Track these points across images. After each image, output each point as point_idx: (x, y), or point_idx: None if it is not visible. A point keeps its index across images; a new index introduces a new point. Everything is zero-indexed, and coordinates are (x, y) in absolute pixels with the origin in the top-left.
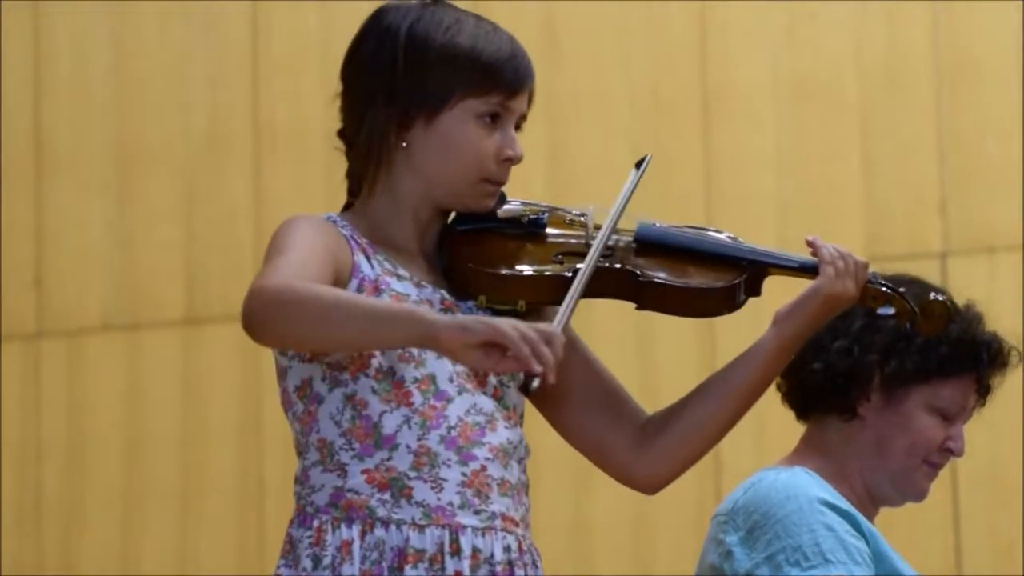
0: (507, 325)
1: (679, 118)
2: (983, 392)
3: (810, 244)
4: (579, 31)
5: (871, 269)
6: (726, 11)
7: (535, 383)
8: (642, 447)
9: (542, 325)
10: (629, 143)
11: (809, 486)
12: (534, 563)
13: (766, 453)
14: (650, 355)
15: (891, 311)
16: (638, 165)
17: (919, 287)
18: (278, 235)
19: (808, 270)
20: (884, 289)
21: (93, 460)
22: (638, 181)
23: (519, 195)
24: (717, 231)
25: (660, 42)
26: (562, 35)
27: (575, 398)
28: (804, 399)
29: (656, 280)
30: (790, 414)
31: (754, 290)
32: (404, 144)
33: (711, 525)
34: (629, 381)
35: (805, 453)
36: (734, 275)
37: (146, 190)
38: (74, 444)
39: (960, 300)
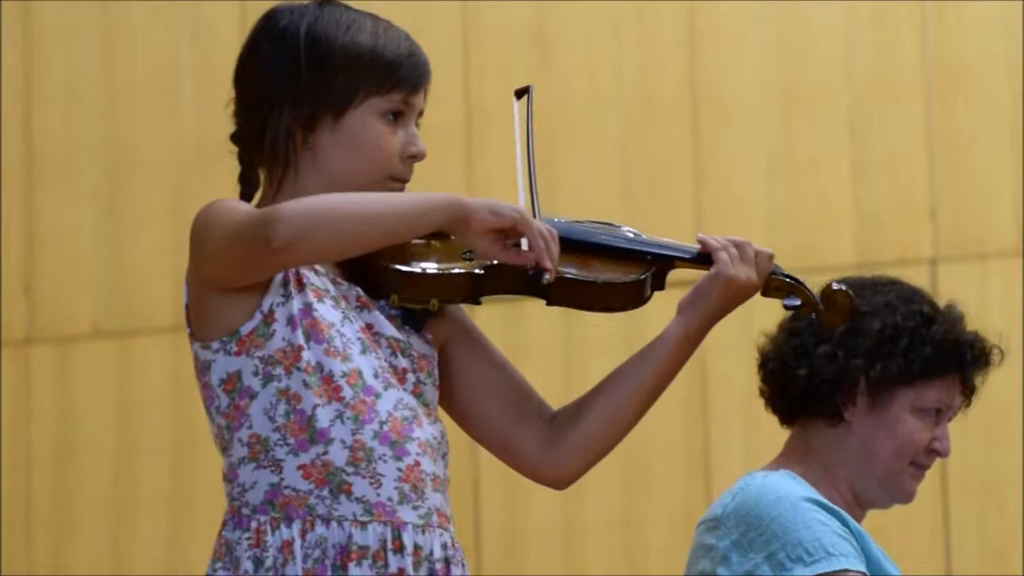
0: (529, 215)
1: (669, 125)
2: (968, 392)
3: (699, 240)
4: (569, 38)
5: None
6: (716, 18)
7: (546, 277)
8: (550, 443)
9: (545, 225)
10: (619, 150)
11: (794, 487)
12: (463, 561)
13: (756, 456)
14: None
15: (796, 302)
16: (519, 95)
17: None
18: (212, 208)
19: (704, 260)
20: (787, 280)
21: (84, 467)
22: (530, 108)
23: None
24: (619, 225)
25: (650, 49)
26: (552, 42)
27: (480, 396)
28: (789, 405)
29: (567, 276)
30: None
31: (659, 284)
32: (310, 145)
33: (697, 532)
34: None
35: (791, 458)
36: (641, 270)
37: (137, 197)
38: (65, 451)
39: (944, 301)
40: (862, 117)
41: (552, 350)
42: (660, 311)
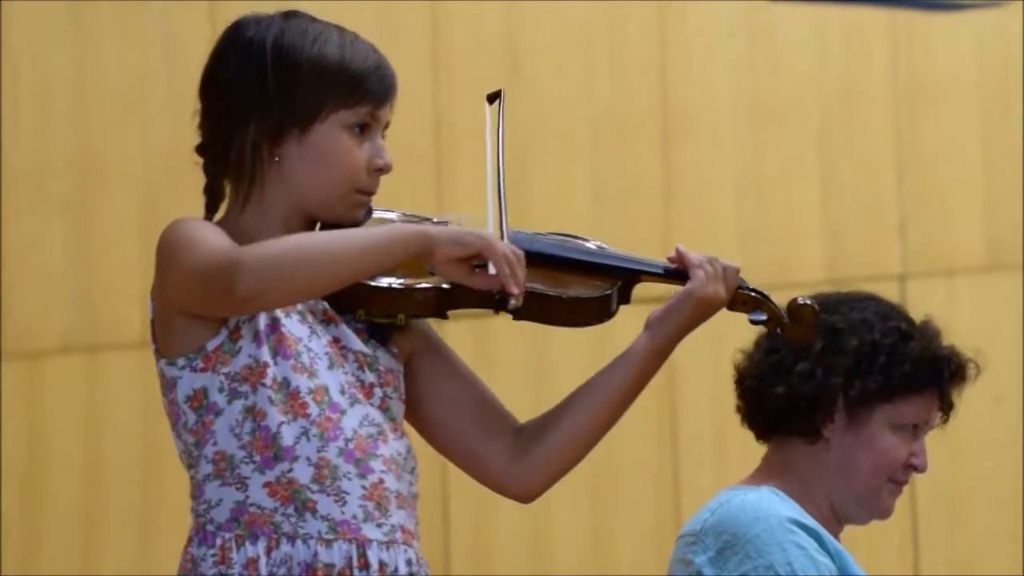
0: (495, 240)
1: (639, 139)
2: (946, 407)
3: (677, 253)
4: (540, 53)
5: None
6: (686, 33)
7: (512, 302)
8: (517, 457)
9: (510, 248)
10: (589, 165)
11: (777, 506)
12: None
13: (725, 471)
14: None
15: (762, 316)
16: (491, 99)
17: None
18: (177, 231)
19: (676, 276)
20: (753, 294)
21: (53, 481)
22: (501, 114)
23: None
24: (585, 239)
25: (620, 64)
26: (523, 57)
27: (447, 410)
28: (766, 421)
29: (533, 291)
30: (749, 433)
31: (625, 298)
32: (277, 159)
33: (677, 545)
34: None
35: (769, 473)
36: (607, 284)
37: (106, 211)
38: (34, 465)
39: (918, 317)
40: (831, 133)
41: (520, 365)
42: (630, 325)
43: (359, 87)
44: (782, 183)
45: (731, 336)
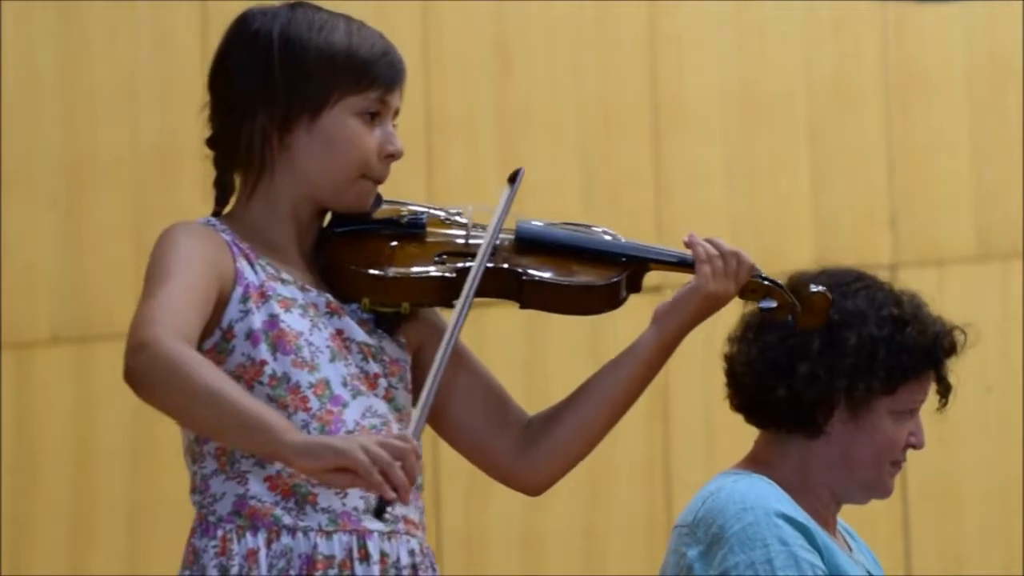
0: (357, 449)
1: (629, 132)
2: (943, 385)
3: (687, 243)
4: (530, 46)
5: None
6: (676, 25)
7: (388, 510)
8: (525, 450)
9: (394, 438)
10: (579, 157)
11: (767, 498)
12: (432, 566)
13: (716, 464)
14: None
15: (772, 304)
16: (511, 180)
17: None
18: (158, 252)
19: (687, 265)
20: (766, 283)
21: (42, 473)
22: (514, 194)
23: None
24: (595, 227)
25: (610, 57)
26: (513, 49)
27: (456, 401)
28: (763, 418)
29: (540, 279)
30: (740, 425)
31: (635, 286)
32: (286, 147)
33: (673, 535)
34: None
35: (766, 462)
36: (616, 272)
37: (96, 204)
38: (23, 457)
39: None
40: (822, 124)
41: (513, 358)
42: (625, 319)
43: (367, 73)
44: (773, 175)
45: (723, 330)
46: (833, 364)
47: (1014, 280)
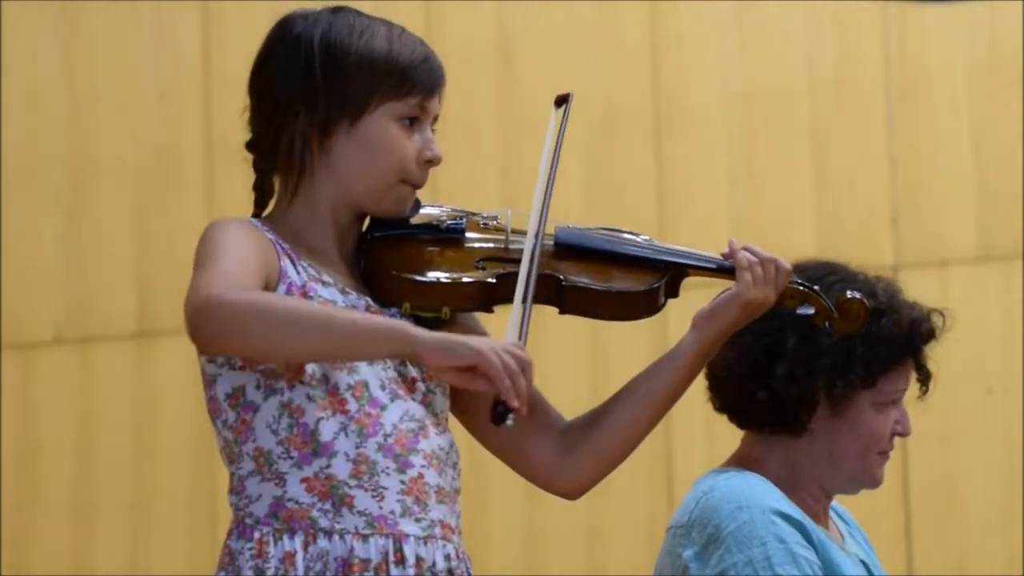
0: (491, 352)
1: (631, 133)
2: (923, 372)
3: (727, 252)
4: (532, 47)
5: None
6: (678, 25)
7: (510, 419)
8: (564, 453)
9: (516, 349)
10: (582, 157)
11: (761, 495)
12: (468, 571)
13: (718, 462)
14: (603, 362)
15: (810, 310)
16: (559, 103)
17: (837, 280)
18: (208, 239)
19: (727, 271)
20: (802, 288)
21: (45, 472)
22: (566, 121)
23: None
24: (634, 233)
25: (612, 57)
26: (516, 50)
27: None
28: (746, 420)
29: (579, 284)
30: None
31: (673, 292)
32: (326, 151)
33: (667, 536)
34: (581, 387)
35: (755, 458)
36: (655, 278)
37: (98, 204)
38: (26, 456)
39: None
40: (823, 124)
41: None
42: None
43: (408, 79)
44: (774, 175)
45: None
46: (811, 362)
47: (1016, 280)
